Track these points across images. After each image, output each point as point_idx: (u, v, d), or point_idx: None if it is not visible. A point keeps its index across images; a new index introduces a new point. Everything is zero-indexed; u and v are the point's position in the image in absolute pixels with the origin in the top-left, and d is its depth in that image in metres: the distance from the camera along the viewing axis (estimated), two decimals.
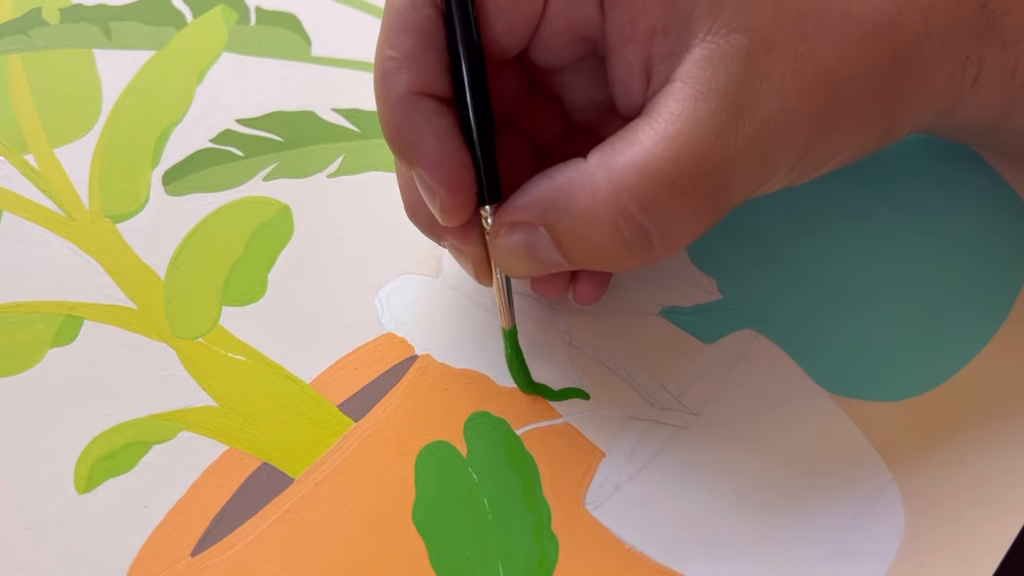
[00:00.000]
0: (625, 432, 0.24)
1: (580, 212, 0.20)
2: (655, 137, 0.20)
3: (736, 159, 0.20)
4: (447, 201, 0.21)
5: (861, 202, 0.28)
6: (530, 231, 0.21)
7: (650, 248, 0.21)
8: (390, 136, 0.21)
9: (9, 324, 0.26)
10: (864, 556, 0.22)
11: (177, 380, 0.25)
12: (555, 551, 0.23)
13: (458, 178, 0.21)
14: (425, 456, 0.24)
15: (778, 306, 0.26)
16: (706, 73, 0.20)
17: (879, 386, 0.25)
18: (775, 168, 0.21)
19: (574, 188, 0.20)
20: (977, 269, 0.27)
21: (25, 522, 0.23)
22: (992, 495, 0.23)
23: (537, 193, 0.21)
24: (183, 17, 0.33)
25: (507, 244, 0.22)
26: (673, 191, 0.20)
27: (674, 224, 0.20)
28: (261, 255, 0.27)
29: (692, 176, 0.20)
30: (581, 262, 0.21)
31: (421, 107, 0.21)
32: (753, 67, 0.20)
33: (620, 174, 0.20)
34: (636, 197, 0.20)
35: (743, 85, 0.20)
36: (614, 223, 0.20)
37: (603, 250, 0.21)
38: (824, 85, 0.20)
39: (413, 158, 0.21)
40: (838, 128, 0.21)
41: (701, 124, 0.20)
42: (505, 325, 0.24)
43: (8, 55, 0.32)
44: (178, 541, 0.23)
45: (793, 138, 0.20)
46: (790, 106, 0.20)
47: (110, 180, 0.29)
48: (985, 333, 0.26)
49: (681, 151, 0.20)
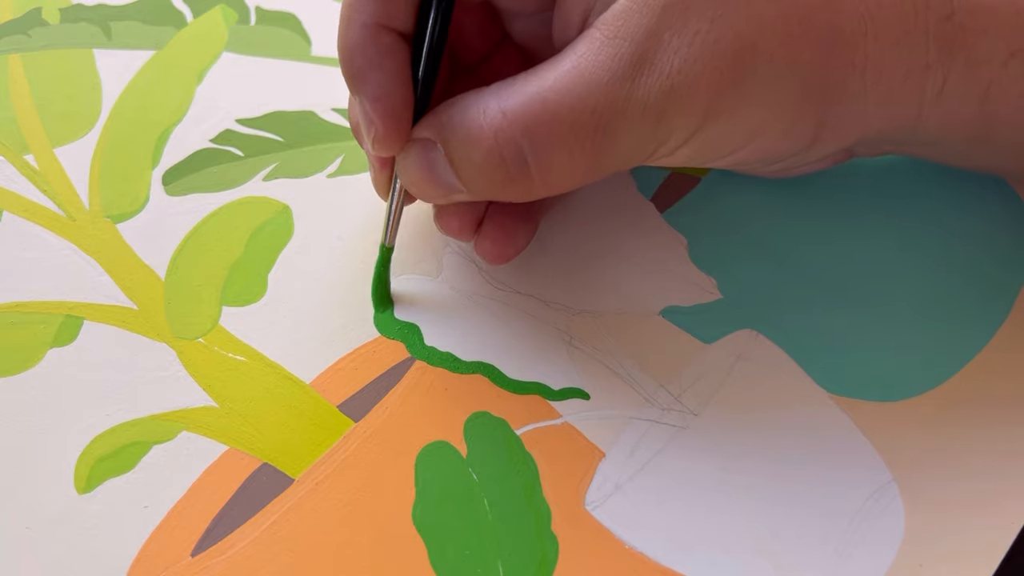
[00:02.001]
0: (625, 432, 0.24)
1: (467, 128, 0.21)
2: (553, 72, 0.20)
3: (626, 106, 0.20)
4: (381, 133, 0.22)
5: (861, 202, 0.28)
6: (428, 147, 0.22)
7: (527, 175, 0.21)
8: (343, 61, 0.22)
9: (9, 324, 0.26)
10: (864, 556, 0.22)
11: (177, 380, 0.25)
12: (555, 551, 0.23)
13: (397, 115, 0.22)
14: (425, 456, 0.24)
15: (778, 306, 0.26)
16: (619, 20, 0.20)
17: (879, 386, 0.25)
18: (669, 131, 0.21)
19: (468, 107, 0.21)
20: (977, 269, 0.27)
21: (25, 522, 0.23)
22: (992, 495, 0.23)
23: (438, 111, 0.22)
24: (183, 17, 0.33)
25: (408, 159, 0.23)
26: (554, 120, 0.20)
27: (551, 155, 0.21)
28: (261, 255, 0.27)
29: (576, 110, 0.20)
30: (469, 183, 0.22)
31: (379, 39, 0.21)
32: (665, 21, 0.20)
33: (509, 96, 0.21)
34: (518, 119, 0.20)
35: (651, 35, 0.20)
36: (495, 142, 0.21)
37: (483, 169, 0.21)
38: (734, 52, 0.20)
39: (360, 87, 0.22)
40: (745, 104, 0.21)
41: (598, 65, 0.20)
42: (385, 242, 0.25)
43: (8, 55, 0.32)
44: (178, 541, 0.23)
45: (692, 101, 0.20)
46: (695, 66, 0.20)
47: (110, 180, 0.29)
48: (985, 333, 0.26)
49: (571, 85, 0.20)
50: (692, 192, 0.28)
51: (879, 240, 0.27)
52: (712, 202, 0.28)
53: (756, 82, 0.20)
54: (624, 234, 0.28)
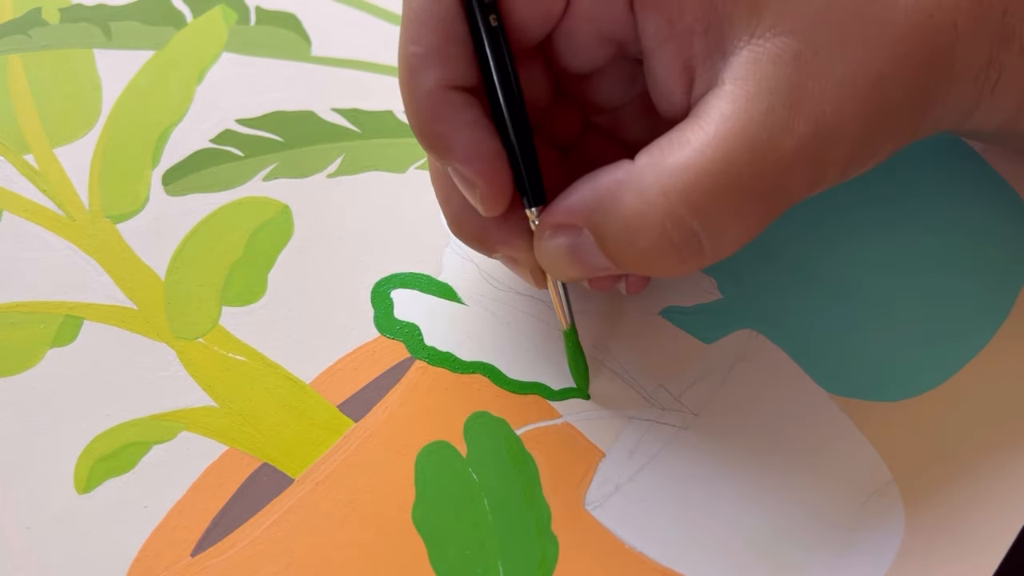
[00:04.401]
0: (625, 432, 0.24)
1: (627, 215, 0.20)
2: (706, 139, 0.19)
3: (790, 161, 0.20)
4: (485, 191, 0.21)
5: (861, 202, 0.28)
6: (575, 234, 0.21)
7: (700, 252, 0.20)
8: (421, 133, 0.21)
9: (9, 324, 0.26)
10: (864, 556, 0.22)
11: (177, 380, 0.25)
12: (555, 551, 0.23)
13: (494, 167, 0.21)
14: (425, 456, 0.24)
15: (778, 306, 0.26)
16: (755, 75, 0.19)
17: (879, 386, 0.25)
18: (827, 170, 0.20)
19: (621, 190, 0.20)
20: (977, 269, 0.27)
21: (25, 522, 0.23)
22: (992, 495, 0.23)
23: (583, 195, 0.21)
24: (183, 17, 0.33)
25: (551, 248, 0.22)
26: (725, 193, 0.19)
27: (725, 227, 0.20)
28: (261, 255, 0.27)
29: (744, 178, 0.19)
30: (627, 266, 0.21)
31: (450, 100, 0.20)
32: (803, 69, 0.19)
33: (670, 176, 0.19)
34: (686, 199, 0.19)
35: (795, 87, 0.19)
36: (662, 226, 0.20)
37: (650, 254, 0.20)
38: (873, 87, 0.20)
39: (447, 152, 0.21)
40: (886, 127, 0.21)
41: (753, 125, 0.19)
42: (564, 326, 0.24)
43: (8, 55, 0.32)
44: (178, 541, 0.23)
45: (845, 140, 0.20)
46: (843, 107, 0.20)
47: (110, 180, 0.29)
48: (985, 333, 0.26)
49: (733, 152, 0.19)
50: None
51: (879, 240, 0.27)
52: None
53: (888, 108, 0.20)
54: None
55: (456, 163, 0.21)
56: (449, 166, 0.21)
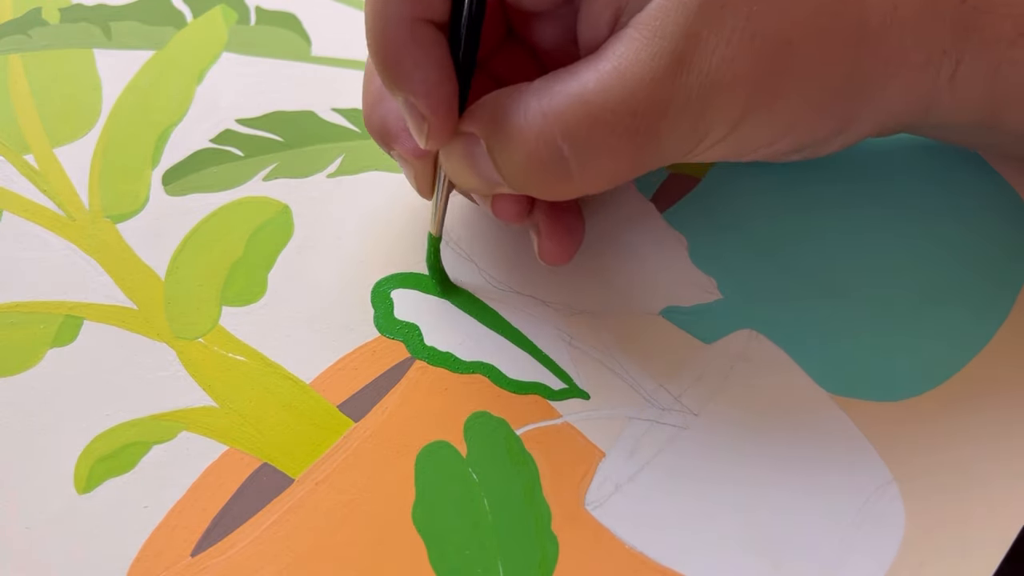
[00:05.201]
0: (625, 432, 0.24)
1: (509, 127, 0.21)
2: (591, 72, 0.20)
3: (667, 105, 0.20)
4: (436, 127, 0.22)
5: (861, 202, 0.28)
6: (472, 141, 0.22)
7: (568, 175, 0.21)
8: (382, 59, 0.21)
9: (9, 324, 0.26)
10: (864, 556, 0.22)
11: (177, 380, 0.25)
12: (555, 551, 0.23)
13: (448, 107, 0.22)
14: (425, 456, 0.24)
15: (778, 306, 0.26)
16: (655, 20, 0.20)
17: (879, 386, 0.25)
18: (709, 127, 0.21)
19: (510, 104, 0.21)
20: (977, 269, 0.27)
21: (25, 522, 0.23)
22: (992, 495, 0.23)
23: (484, 106, 0.22)
24: (183, 17, 0.33)
25: (452, 151, 0.23)
26: (595, 123, 0.20)
27: (593, 156, 0.21)
28: (261, 255, 0.27)
29: (618, 112, 0.20)
30: (510, 180, 0.22)
31: (418, 34, 0.21)
32: (703, 18, 0.20)
33: (551, 98, 0.21)
34: (559, 121, 0.20)
35: (689, 35, 0.20)
36: (535, 142, 0.21)
37: (524, 168, 0.21)
38: (773, 48, 0.20)
39: (405, 83, 0.21)
40: (783, 98, 0.21)
41: (638, 65, 0.20)
42: (433, 231, 0.25)
43: (8, 55, 0.32)
44: (178, 541, 0.23)
45: (731, 98, 0.20)
46: (734, 63, 0.20)
47: (110, 180, 0.29)
48: (985, 333, 0.26)
49: (612, 86, 0.20)
50: (692, 192, 0.28)
51: (879, 240, 0.27)
52: (712, 202, 0.28)
53: (792, 77, 0.21)
54: (624, 234, 0.28)
55: (413, 97, 0.21)
56: (400, 95, 0.22)
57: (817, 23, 0.20)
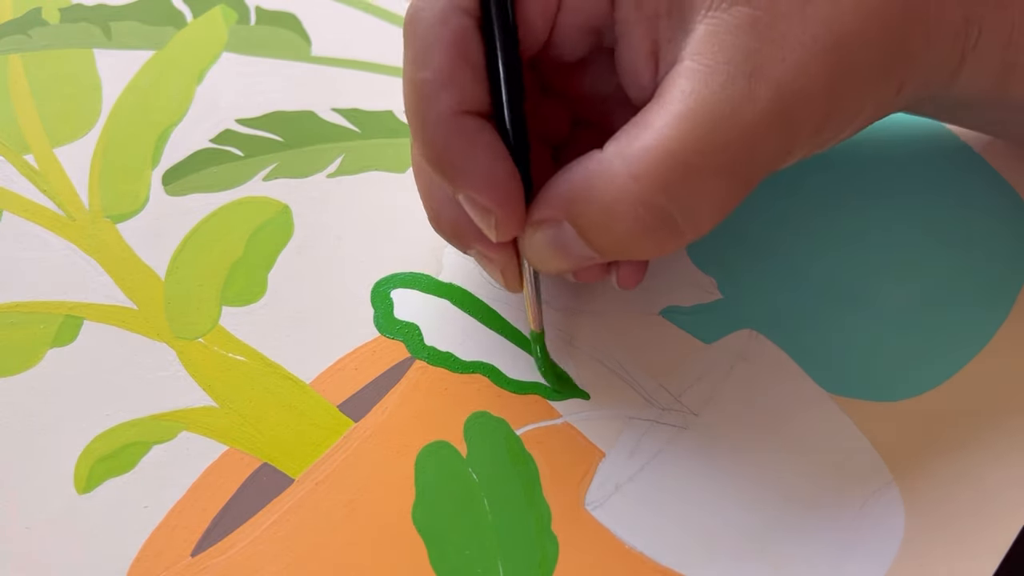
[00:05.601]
0: (625, 432, 0.24)
1: (600, 203, 0.20)
2: (666, 118, 0.19)
3: (755, 129, 0.19)
4: (502, 219, 0.21)
5: (861, 202, 0.28)
6: (556, 227, 0.21)
7: (677, 231, 0.20)
8: (435, 160, 0.21)
9: (9, 324, 0.26)
10: (864, 556, 0.22)
11: (177, 380, 0.25)
12: (555, 551, 0.23)
13: (509, 194, 0.21)
14: (425, 456, 0.24)
15: (778, 306, 0.26)
16: (712, 48, 0.19)
17: (879, 386, 0.25)
18: (797, 134, 0.20)
19: (592, 179, 0.20)
20: (977, 269, 0.27)
21: (25, 522, 0.23)
22: (992, 495, 0.23)
23: (559, 188, 0.21)
24: (183, 17, 0.33)
25: (535, 242, 0.22)
26: (691, 170, 0.19)
27: (697, 203, 0.20)
28: (261, 255, 0.27)
29: (708, 153, 0.19)
30: (610, 253, 0.21)
31: (464, 127, 0.20)
32: (761, 35, 0.19)
33: (636, 159, 0.20)
34: (654, 181, 0.19)
35: (753, 54, 0.19)
36: (635, 210, 0.20)
37: (628, 239, 0.20)
38: (837, 44, 0.20)
39: (462, 181, 0.21)
40: (857, 87, 0.21)
41: (712, 98, 0.19)
42: (534, 327, 0.24)
43: (8, 55, 0.32)
44: (178, 541, 0.23)
45: (813, 101, 0.20)
46: (806, 68, 0.19)
47: (110, 180, 0.29)
48: (985, 333, 0.26)
49: (694, 128, 0.19)
50: None
51: (879, 240, 0.27)
52: None
53: (857, 67, 0.20)
54: None
55: (472, 192, 0.21)
56: (461, 193, 0.21)
57: (869, 9, 0.20)
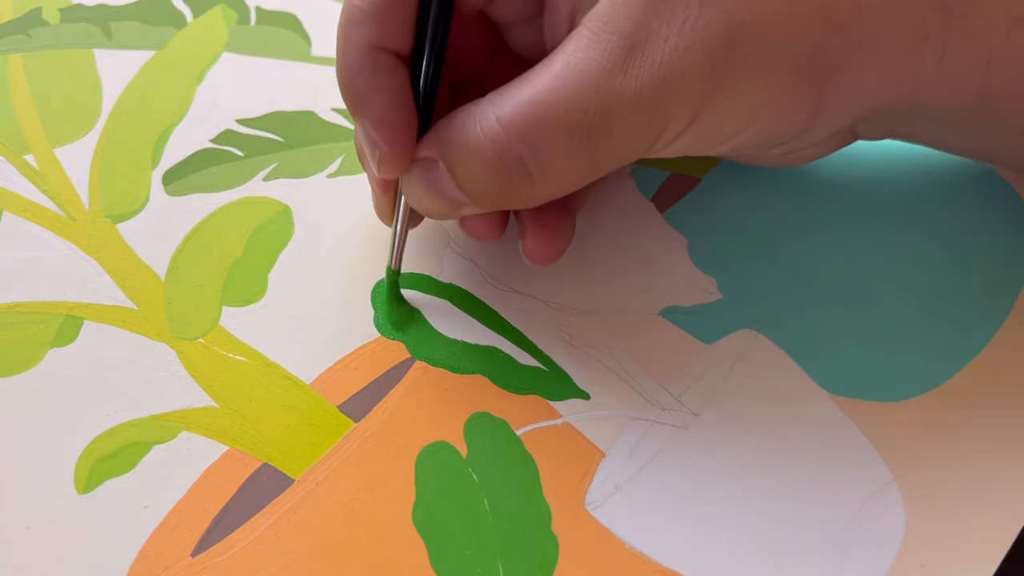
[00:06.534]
0: (625, 432, 0.24)
1: (466, 143, 0.21)
2: (542, 74, 0.20)
3: (619, 101, 0.20)
4: (386, 155, 0.22)
5: (861, 202, 0.28)
6: (430, 165, 0.22)
7: (529, 180, 0.21)
8: (342, 85, 0.22)
9: (9, 324, 0.26)
10: (864, 556, 0.22)
11: (177, 380, 0.25)
12: (555, 551, 0.23)
13: (400, 136, 0.22)
14: (425, 456, 0.24)
15: (778, 306, 0.26)
16: (605, 17, 0.20)
17: (879, 386, 0.25)
18: (666, 120, 0.21)
19: (465, 121, 0.21)
20: (977, 269, 0.27)
21: (25, 522, 0.23)
22: (992, 495, 0.23)
23: (439, 129, 0.22)
24: (183, 17, 0.33)
25: (411, 178, 0.23)
26: (550, 123, 0.20)
27: (551, 157, 0.20)
28: (261, 255, 0.27)
29: (569, 110, 0.20)
30: (474, 195, 0.22)
31: (378, 62, 0.21)
32: (652, 11, 0.20)
33: (504, 105, 0.20)
34: (514, 126, 0.20)
35: (639, 27, 0.20)
36: (493, 152, 0.21)
37: (487, 181, 0.21)
38: (725, 35, 0.20)
39: (361, 110, 0.22)
40: (740, 86, 0.20)
41: (588, 62, 0.20)
42: (392, 265, 0.25)
43: (8, 55, 0.32)
44: (178, 541, 0.23)
45: (686, 88, 0.20)
46: (687, 52, 0.20)
47: (110, 180, 0.29)
48: (985, 333, 0.26)
49: (562, 85, 0.20)
50: (692, 192, 0.28)
51: (879, 240, 0.27)
52: (712, 202, 0.28)
53: (749, 63, 0.20)
54: (624, 234, 0.28)
55: (367, 122, 0.22)
56: (357, 121, 0.22)
57: (773, 5, 0.20)
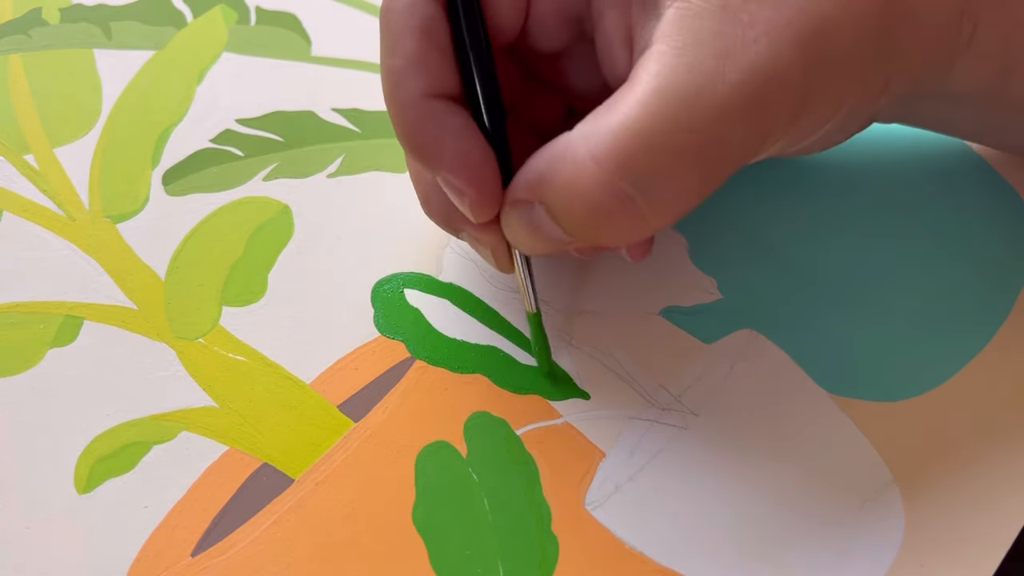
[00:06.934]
0: (625, 432, 0.24)
1: (563, 184, 0.20)
2: (632, 99, 0.19)
3: (723, 110, 0.19)
4: (476, 199, 0.21)
5: (861, 202, 0.28)
6: (528, 208, 0.21)
7: (638, 215, 0.20)
8: (408, 143, 0.21)
9: (9, 324, 0.26)
10: (864, 556, 0.22)
11: (177, 380, 0.25)
12: (555, 551, 0.23)
13: (483, 175, 0.21)
14: (425, 456, 0.24)
15: (778, 306, 0.26)
16: (681, 30, 0.19)
17: (879, 386, 0.25)
18: (771, 121, 0.20)
19: (557, 159, 0.20)
20: (977, 269, 0.27)
21: (25, 522, 0.23)
22: (992, 495, 0.23)
23: (530, 168, 0.21)
24: (183, 17, 0.33)
25: (511, 222, 0.22)
26: (652, 151, 0.19)
27: (660, 187, 0.19)
28: (261, 255, 0.27)
29: (671, 133, 0.19)
30: (579, 235, 0.21)
31: (434, 109, 0.21)
32: (730, 16, 0.19)
33: (597, 139, 0.19)
34: (614, 161, 0.19)
35: (722, 35, 0.19)
36: (595, 191, 0.19)
37: (591, 221, 0.20)
38: (813, 27, 0.19)
39: (435, 162, 0.21)
40: (835, 74, 0.20)
41: (678, 78, 0.19)
42: (528, 309, 0.24)
43: (8, 55, 0.32)
44: (178, 541, 0.23)
45: (786, 87, 0.19)
46: (779, 52, 0.19)
47: (110, 180, 0.29)
48: (985, 333, 0.26)
49: (658, 109, 0.19)
50: None
51: (879, 240, 0.27)
52: (712, 202, 0.28)
53: (837, 53, 0.20)
54: None
55: (445, 173, 0.21)
56: (438, 176, 0.21)
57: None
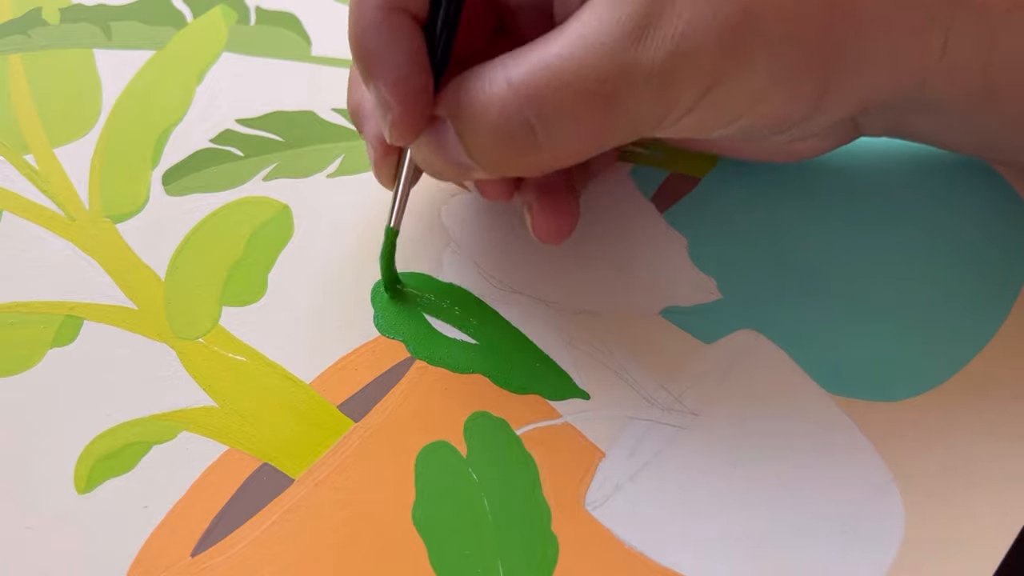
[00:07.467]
0: (625, 432, 0.24)
1: (474, 103, 0.21)
2: (558, 41, 0.20)
3: (633, 70, 0.20)
4: (399, 117, 0.21)
5: (861, 202, 0.28)
6: (439, 125, 0.22)
7: (535, 145, 0.21)
8: (356, 44, 0.21)
9: (9, 324, 0.26)
10: (864, 556, 0.22)
11: (177, 380, 0.25)
12: (555, 551, 0.23)
13: (416, 98, 0.21)
14: (425, 456, 0.24)
15: (778, 306, 0.26)
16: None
17: (879, 386, 0.25)
18: (677, 96, 0.20)
19: (476, 82, 0.21)
20: (977, 269, 0.27)
21: (25, 522, 0.23)
22: (992, 495, 0.23)
23: (450, 88, 0.21)
24: (183, 17, 0.33)
25: (419, 141, 0.22)
26: (561, 88, 0.20)
27: (560, 124, 0.20)
28: (261, 255, 0.27)
29: (583, 78, 0.20)
30: (479, 158, 0.21)
31: (394, 22, 0.21)
32: None
33: (517, 69, 0.20)
34: (523, 89, 0.20)
35: (657, 3, 0.20)
36: (502, 113, 0.20)
37: (492, 143, 0.21)
38: (738, 14, 0.20)
39: (376, 70, 0.21)
40: (751, 65, 0.20)
41: (603, 31, 0.20)
42: (391, 225, 0.25)
43: (8, 55, 0.32)
44: (178, 541, 0.23)
45: (698, 65, 0.20)
46: (701, 26, 0.20)
47: (110, 180, 0.29)
48: (985, 333, 0.26)
49: (575, 52, 0.20)
50: (692, 192, 0.28)
51: (879, 240, 0.27)
52: (712, 202, 0.28)
53: (760, 43, 0.20)
54: (624, 234, 0.28)
55: (381, 84, 0.21)
56: (371, 83, 0.22)
57: None
